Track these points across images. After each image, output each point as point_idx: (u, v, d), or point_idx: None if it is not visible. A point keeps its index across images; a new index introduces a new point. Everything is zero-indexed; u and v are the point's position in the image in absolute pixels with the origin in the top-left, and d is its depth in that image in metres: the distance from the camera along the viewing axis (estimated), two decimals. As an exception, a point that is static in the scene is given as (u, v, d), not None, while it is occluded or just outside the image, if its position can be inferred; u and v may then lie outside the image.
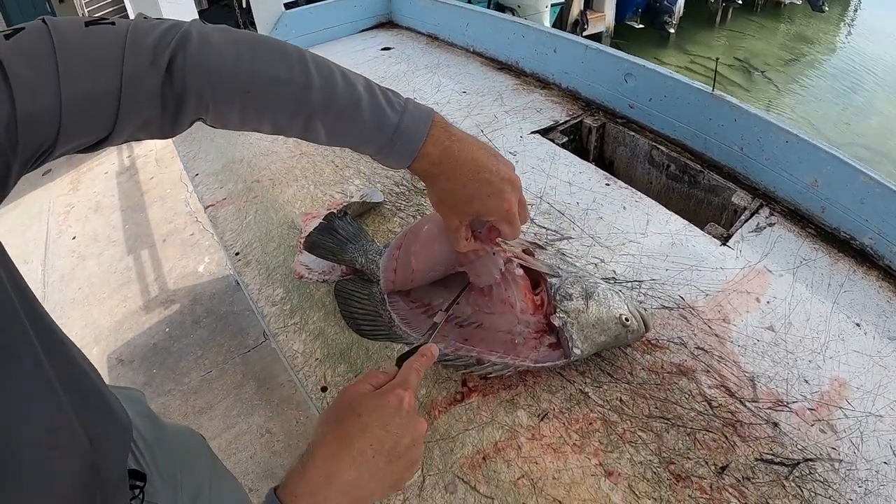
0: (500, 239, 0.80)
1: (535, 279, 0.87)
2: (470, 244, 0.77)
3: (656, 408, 0.77)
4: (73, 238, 3.36)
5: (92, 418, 0.62)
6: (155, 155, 4.04)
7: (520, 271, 0.86)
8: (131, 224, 3.38)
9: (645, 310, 0.83)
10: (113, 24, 0.59)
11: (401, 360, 0.65)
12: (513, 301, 0.84)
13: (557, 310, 0.81)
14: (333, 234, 1.02)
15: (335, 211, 1.07)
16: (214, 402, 2.27)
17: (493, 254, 0.83)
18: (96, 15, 8.41)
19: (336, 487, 0.54)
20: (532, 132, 1.35)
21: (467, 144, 0.73)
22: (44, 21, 0.56)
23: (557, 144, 1.31)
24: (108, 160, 4.10)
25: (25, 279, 0.55)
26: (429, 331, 0.79)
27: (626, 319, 0.80)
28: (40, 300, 0.58)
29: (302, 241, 1.08)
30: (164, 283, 2.95)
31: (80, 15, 8.01)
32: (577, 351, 0.79)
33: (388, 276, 0.91)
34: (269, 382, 2.31)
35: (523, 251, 0.88)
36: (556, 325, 0.80)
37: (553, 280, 0.85)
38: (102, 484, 0.62)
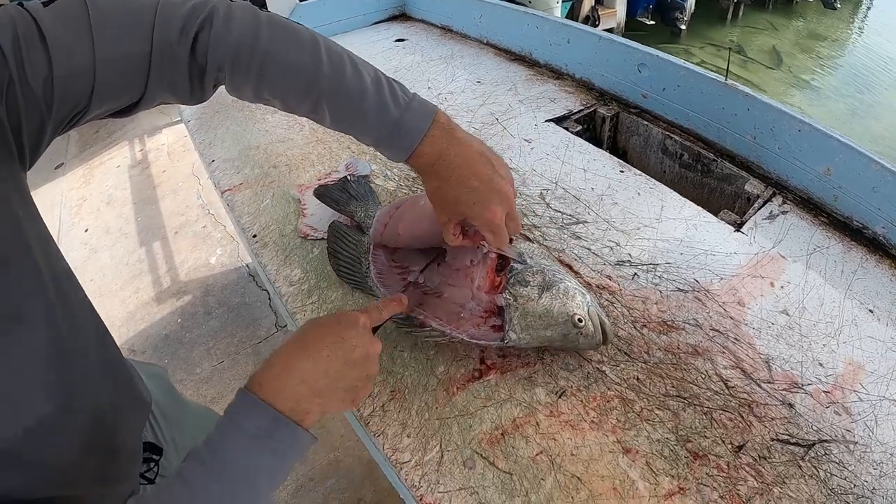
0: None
1: (506, 263, 0.85)
2: (458, 240, 0.78)
3: (673, 387, 0.78)
4: (86, 231, 3.37)
5: (108, 385, 0.64)
6: (167, 149, 4.05)
7: (493, 253, 0.86)
8: (143, 216, 3.39)
9: (608, 321, 0.81)
10: None
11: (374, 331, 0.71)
12: (473, 277, 0.85)
13: (506, 291, 0.81)
14: (344, 190, 1.10)
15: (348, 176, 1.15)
16: (225, 392, 2.28)
17: (478, 247, 0.85)
18: None
19: (294, 376, 0.59)
20: (546, 120, 1.36)
21: (466, 148, 0.73)
22: None
23: (572, 133, 1.31)
24: (121, 154, 4.11)
25: None
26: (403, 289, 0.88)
27: (580, 320, 0.77)
28: None
29: (305, 206, 1.14)
30: (175, 275, 2.96)
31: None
32: (512, 335, 0.78)
33: (378, 227, 0.97)
34: (279, 373, 2.32)
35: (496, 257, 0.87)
36: (500, 304, 0.81)
37: (517, 265, 0.83)
38: (116, 450, 0.64)
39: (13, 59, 0.51)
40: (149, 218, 3.38)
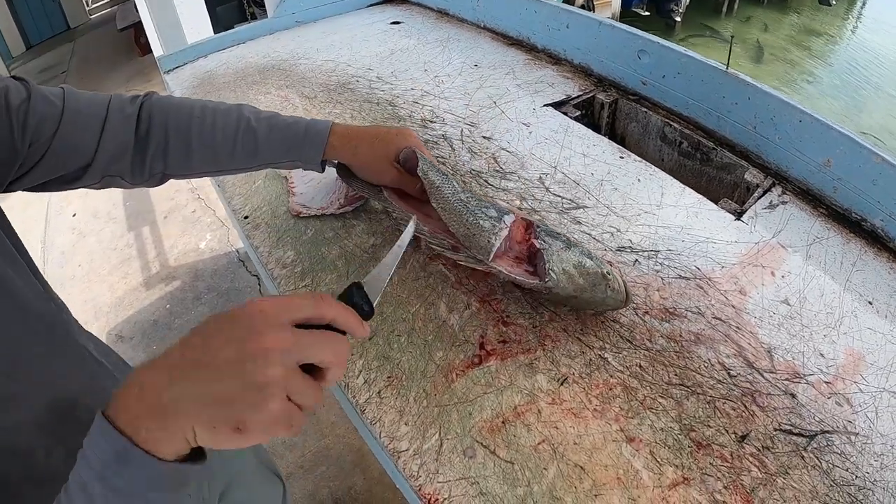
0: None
1: (530, 222, 0.87)
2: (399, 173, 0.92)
3: (676, 375, 0.77)
4: (74, 215, 3.33)
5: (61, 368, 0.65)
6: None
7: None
8: (132, 201, 3.35)
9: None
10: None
11: (341, 298, 0.55)
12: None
13: (541, 238, 0.82)
14: None
15: None
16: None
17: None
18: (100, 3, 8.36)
19: (129, 391, 0.44)
20: (545, 105, 1.34)
21: (359, 128, 0.94)
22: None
23: (570, 118, 1.30)
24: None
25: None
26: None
27: (608, 273, 0.79)
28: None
29: (293, 184, 1.14)
30: (164, 260, 2.93)
31: (85, 6, 8.09)
32: (552, 275, 0.78)
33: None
34: (268, 359, 2.30)
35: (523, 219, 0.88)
36: (538, 246, 0.81)
37: (541, 226, 0.86)
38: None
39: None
40: (137, 202, 3.34)
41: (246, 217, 1.09)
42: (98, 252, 3.04)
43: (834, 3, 8.32)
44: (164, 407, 0.43)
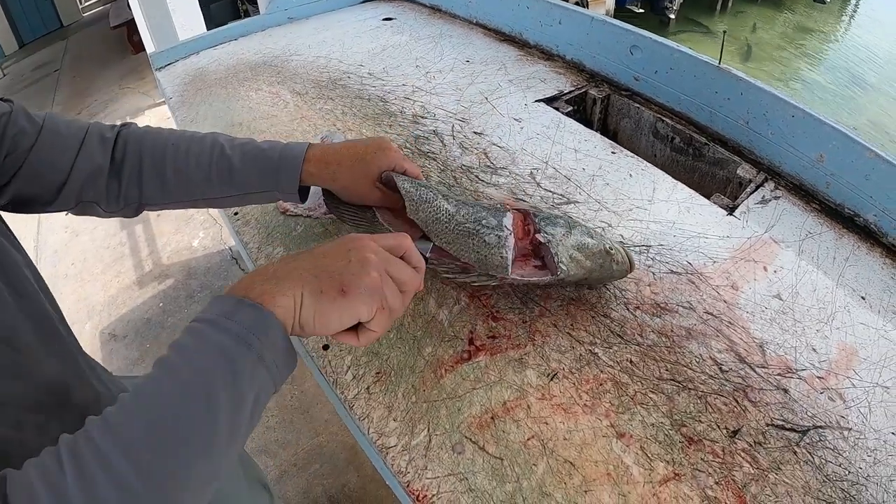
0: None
1: (525, 213, 0.88)
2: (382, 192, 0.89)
3: (667, 370, 0.76)
4: (66, 213, 3.31)
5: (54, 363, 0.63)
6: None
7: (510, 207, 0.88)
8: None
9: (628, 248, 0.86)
10: None
11: None
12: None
13: (542, 231, 0.82)
14: None
15: None
16: (206, 375, 2.25)
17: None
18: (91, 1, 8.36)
19: (252, 274, 0.55)
20: (536, 100, 1.33)
21: (337, 144, 0.89)
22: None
23: (562, 113, 1.29)
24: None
25: None
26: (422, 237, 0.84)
27: (610, 248, 0.82)
28: None
29: None
30: (157, 258, 2.92)
31: (78, 4, 8.07)
32: (562, 266, 0.80)
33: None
34: (261, 357, 2.29)
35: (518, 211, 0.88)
36: (541, 240, 0.81)
37: (538, 213, 0.87)
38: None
39: None
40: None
41: (236, 213, 1.08)
42: (91, 250, 3.03)
43: (828, 1, 8.32)
44: (277, 274, 0.54)
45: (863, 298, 0.88)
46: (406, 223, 0.87)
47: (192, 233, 3.02)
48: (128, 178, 0.80)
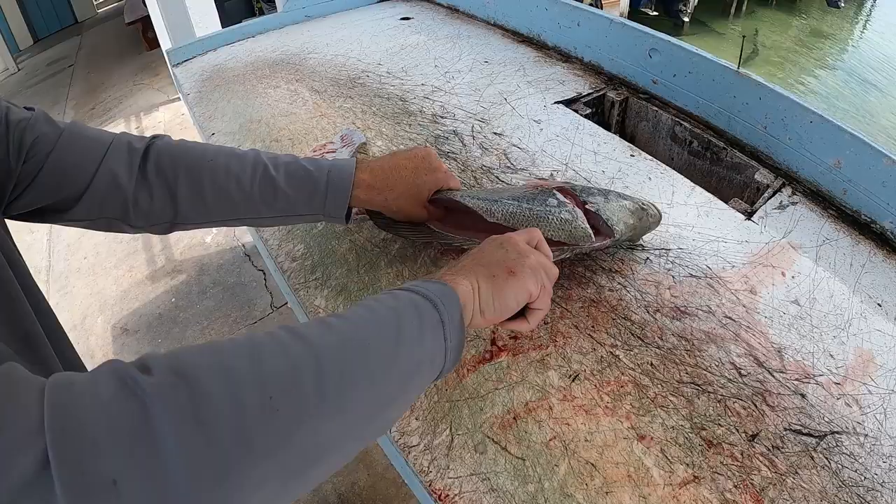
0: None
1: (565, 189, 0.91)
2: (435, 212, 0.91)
3: (687, 373, 0.77)
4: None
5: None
6: (164, 126, 4.01)
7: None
8: (136, 193, 3.35)
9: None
10: None
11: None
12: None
13: (588, 202, 0.87)
14: None
15: None
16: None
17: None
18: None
19: (455, 267, 0.64)
20: (555, 102, 1.34)
21: (383, 159, 0.87)
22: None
23: (581, 115, 1.30)
24: (116, 132, 4.07)
25: (31, 249, 0.63)
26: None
27: (643, 204, 0.90)
28: (45, 270, 0.64)
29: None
30: (170, 254, 2.93)
31: (93, 2, 8.10)
32: (617, 228, 0.86)
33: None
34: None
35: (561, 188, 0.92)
36: (591, 210, 0.86)
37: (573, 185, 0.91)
38: None
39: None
40: (142, 194, 3.34)
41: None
42: (104, 245, 3.05)
43: (843, 5, 8.27)
44: (449, 272, 0.62)
45: (879, 305, 0.88)
46: (458, 228, 0.90)
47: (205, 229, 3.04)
48: (160, 193, 0.75)
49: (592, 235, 0.84)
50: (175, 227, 0.80)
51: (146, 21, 4.98)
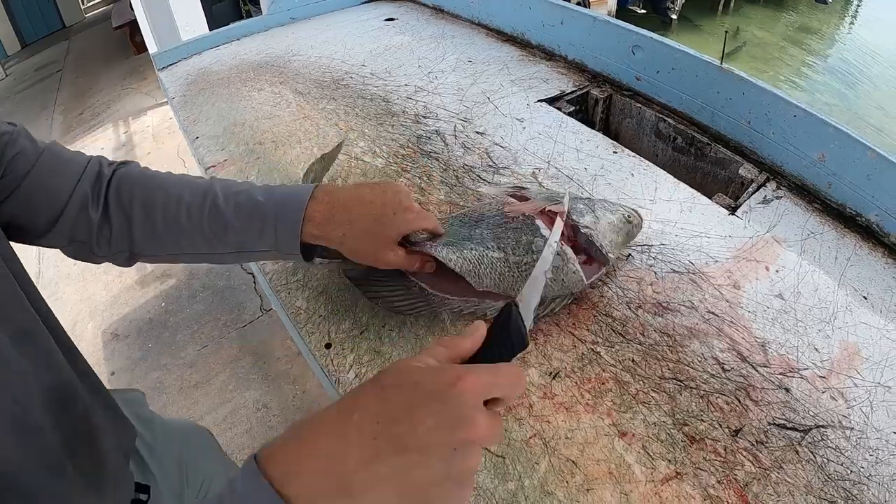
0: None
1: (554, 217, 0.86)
2: (404, 257, 0.78)
3: (668, 369, 0.76)
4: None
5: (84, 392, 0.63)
6: (152, 131, 4.00)
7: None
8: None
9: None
10: None
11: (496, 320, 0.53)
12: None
13: (579, 228, 0.84)
14: None
15: None
16: (210, 376, 2.25)
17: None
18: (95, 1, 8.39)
19: (310, 455, 0.41)
20: (539, 100, 1.34)
21: (344, 189, 0.77)
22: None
23: (564, 113, 1.29)
24: (104, 136, 4.06)
25: (20, 255, 0.62)
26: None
27: (628, 216, 0.88)
28: (35, 276, 0.64)
29: None
30: (159, 258, 2.92)
31: (81, 5, 8.08)
32: (610, 255, 0.84)
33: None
34: (265, 357, 2.30)
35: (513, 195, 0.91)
36: (586, 236, 0.83)
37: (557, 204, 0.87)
38: (101, 456, 0.62)
39: None
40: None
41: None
42: (93, 250, 3.03)
43: (830, 0, 8.31)
44: (352, 486, 0.39)
45: (864, 298, 0.88)
46: (454, 282, 0.81)
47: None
48: (118, 222, 0.72)
49: (584, 280, 0.81)
50: (134, 258, 0.76)
51: (134, 25, 4.97)
